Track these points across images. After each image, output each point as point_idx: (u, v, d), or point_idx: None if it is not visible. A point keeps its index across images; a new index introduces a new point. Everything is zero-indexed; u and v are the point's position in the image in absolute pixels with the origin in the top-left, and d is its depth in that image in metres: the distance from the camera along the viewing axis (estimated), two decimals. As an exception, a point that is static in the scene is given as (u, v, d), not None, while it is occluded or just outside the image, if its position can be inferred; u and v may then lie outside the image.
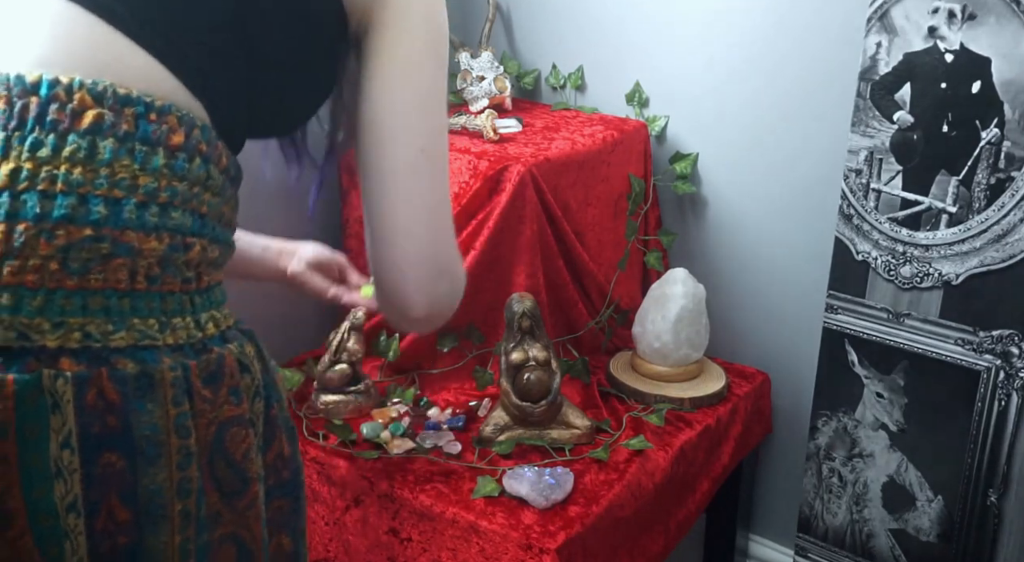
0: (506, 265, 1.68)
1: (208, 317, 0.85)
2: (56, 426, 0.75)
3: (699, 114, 1.89)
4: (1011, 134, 1.42)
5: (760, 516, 2.03)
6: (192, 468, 0.81)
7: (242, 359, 0.86)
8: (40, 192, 0.75)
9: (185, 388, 0.80)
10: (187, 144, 0.81)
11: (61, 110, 0.77)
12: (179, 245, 0.81)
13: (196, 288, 0.84)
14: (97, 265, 0.77)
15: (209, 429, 0.82)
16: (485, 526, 1.38)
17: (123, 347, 0.77)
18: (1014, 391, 1.51)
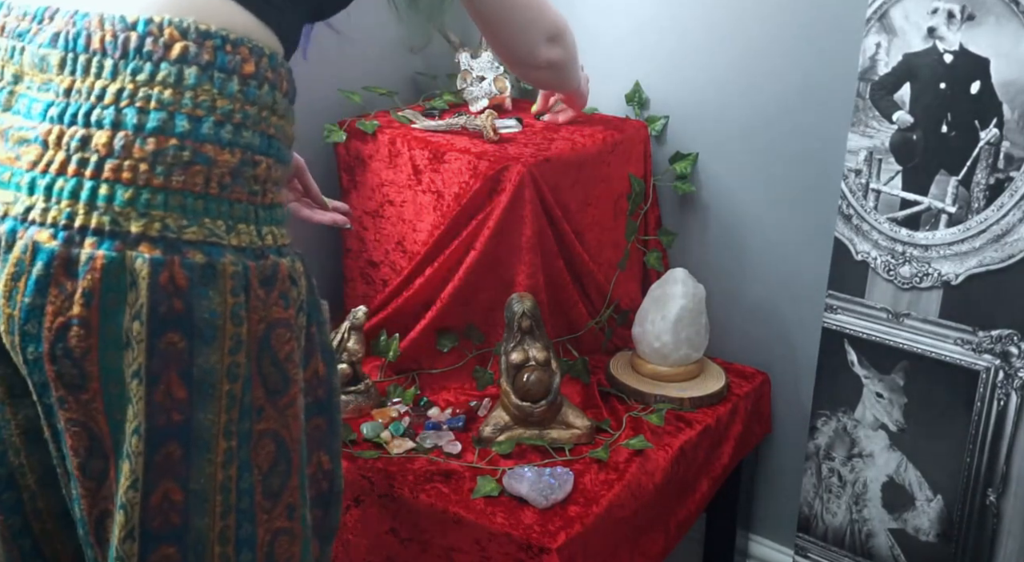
0: (506, 265, 1.68)
1: (268, 230, 0.96)
2: (131, 301, 0.89)
3: (699, 114, 1.89)
4: (1010, 134, 1.42)
5: (760, 516, 2.03)
6: (241, 354, 0.92)
7: (292, 273, 0.97)
8: (138, 108, 0.89)
9: (243, 284, 0.92)
10: (257, 73, 0.94)
11: (155, 43, 0.90)
12: (249, 161, 0.93)
13: (261, 202, 0.95)
14: (179, 169, 0.90)
15: (259, 326, 0.93)
16: (485, 526, 1.38)
17: (194, 240, 0.90)
18: (1013, 391, 1.52)
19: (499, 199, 1.64)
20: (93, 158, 0.89)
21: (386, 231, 1.80)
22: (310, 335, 1.01)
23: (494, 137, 1.74)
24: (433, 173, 1.71)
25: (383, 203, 1.79)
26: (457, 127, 1.79)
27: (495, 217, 1.64)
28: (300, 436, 1.00)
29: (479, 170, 1.66)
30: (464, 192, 1.67)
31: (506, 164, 1.64)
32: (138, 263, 0.89)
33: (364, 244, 1.84)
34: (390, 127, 1.78)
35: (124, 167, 0.89)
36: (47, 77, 0.93)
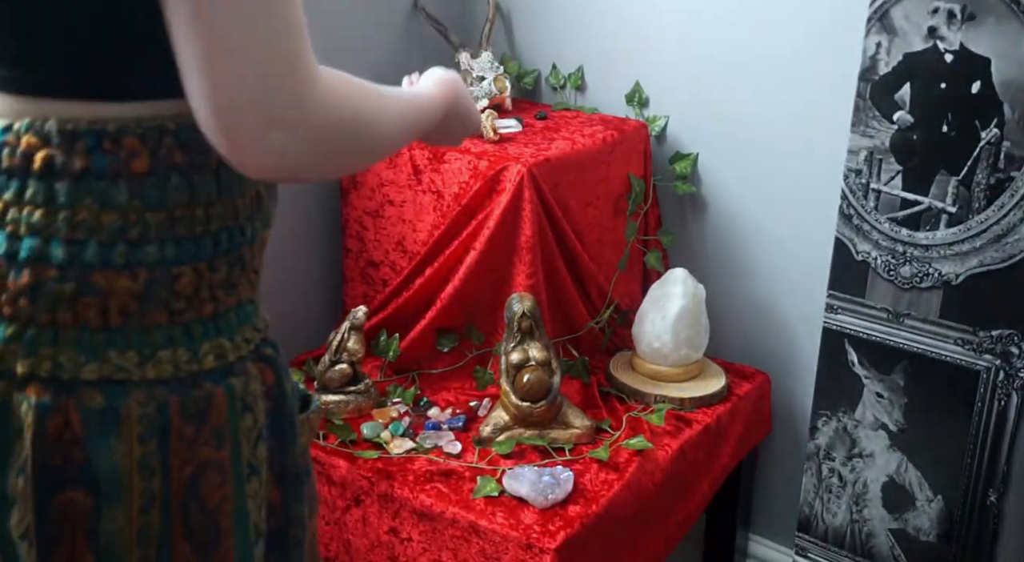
0: (506, 265, 1.68)
1: (211, 348, 0.78)
2: (16, 451, 0.74)
3: (699, 114, 1.88)
4: (1011, 134, 1.42)
5: (760, 516, 2.03)
6: (155, 512, 0.77)
7: (245, 398, 0.80)
8: (9, 233, 0.74)
9: (159, 425, 0.76)
10: (155, 165, 0.74)
11: (12, 156, 0.74)
12: (161, 279, 0.75)
13: (196, 316, 0.78)
14: (65, 304, 0.74)
15: (184, 469, 0.77)
16: (485, 526, 1.38)
17: (93, 379, 0.74)
18: (1014, 391, 1.51)
19: (499, 199, 1.64)
20: None
21: (386, 231, 1.80)
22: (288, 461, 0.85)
23: (494, 137, 1.74)
24: (433, 173, 1.71)
25: (383, 203, 1.79)
26: (457, 127, 1.79)
27: (495, 217, 1.64)
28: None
29: (479, 170, 1.66)
30: (464, 192, 1.67)
31: (506, 164, 1.64)
32: (23, 408, 0.74)
33: (364, 244, 1.84)
34: None
35: (2, 300, 0.74)
36: None
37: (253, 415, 0.81)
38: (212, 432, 0.78)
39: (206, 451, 0.78)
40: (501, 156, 1.66)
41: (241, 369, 0.80)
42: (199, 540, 0.79)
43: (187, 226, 0.76)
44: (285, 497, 0.87)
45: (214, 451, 0.78)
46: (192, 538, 0.79)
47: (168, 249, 0.75)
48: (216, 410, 0.78)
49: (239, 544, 0.81)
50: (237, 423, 0.79)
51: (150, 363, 0.76)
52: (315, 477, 0.94)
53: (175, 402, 0.76)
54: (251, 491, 0.82)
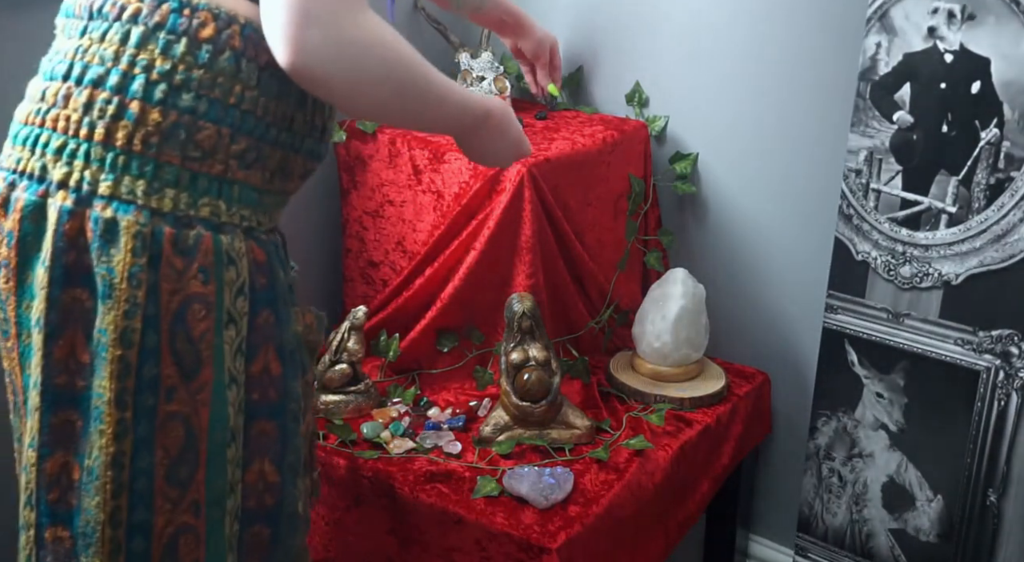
0: (506, 265, 1.68)
1: (208, 203, 0.93)
2: (44, 247, 0.91)
3: (699, 114, 1.89)
4: (1011, 134, 1.42)
5: (760, 516, 2.03)
6: (137, 319, 0.90)
7: (229, 252, 0.93)
8: (84, 62, 0.93)
9: (151, 247, 0.89)
10: (216, 38, 0.92)
11: (113, 5, 0.93)
12: (185, 124, 0.91)
13: (205, 171, 0.92)
14: (103, 122, 0.90)
15: (173, 297, 0.91)
16: (485, 526, 1.38)
17: (107, 195, 0.90)
18: (1014, 391, 1.52)
19: (499, 199, 1.64)
20: (43, 108, 0.94)
21: (386, 231, 1.80)
22: (258, 326, 0.97)
23: (494, 137, 1.74)
24: (433, 173, 1.71)
25: (383, 203, 1.79)
26: (457, 127, 1.79)
27: (495, 217, 1.64)
28: (208, 426, 0.94)
29: (479, 170, 1.66)
30: (464, 192, 1.67)
31: (506, 164, 1.64)
32: (51, 210, 0.91)
33: (364, 244, 1.84)
34: (390, 127, 1.78)
35: (60, 116, 0.92)
36: (56, 43, 0.99)
37: (236, 269, 0.94)
38: (199, 269, 0.91)
39: (194, 284, 0.91)
40: (501, 156, 1.66)
41: (231, 230, 0.94)
42: (183, 364, 0.92)
43: (223, 93, 0.92)
44: (284, 371, 0.99)
45: (201, 285, 0.91)
46: (179, 363, 0.92)
47: (202, 103, 0.91)
48: (204, 249, 0.92)
49: (215, 378, 0.93)
50: (222, 271, 0.93)
51: (155, 195, 0.90)
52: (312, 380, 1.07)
53: (169, 232, 0.90)
54: (227, 337, 0.94)
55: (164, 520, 0.94)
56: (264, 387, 0.98)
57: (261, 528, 1.02)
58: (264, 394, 0.99)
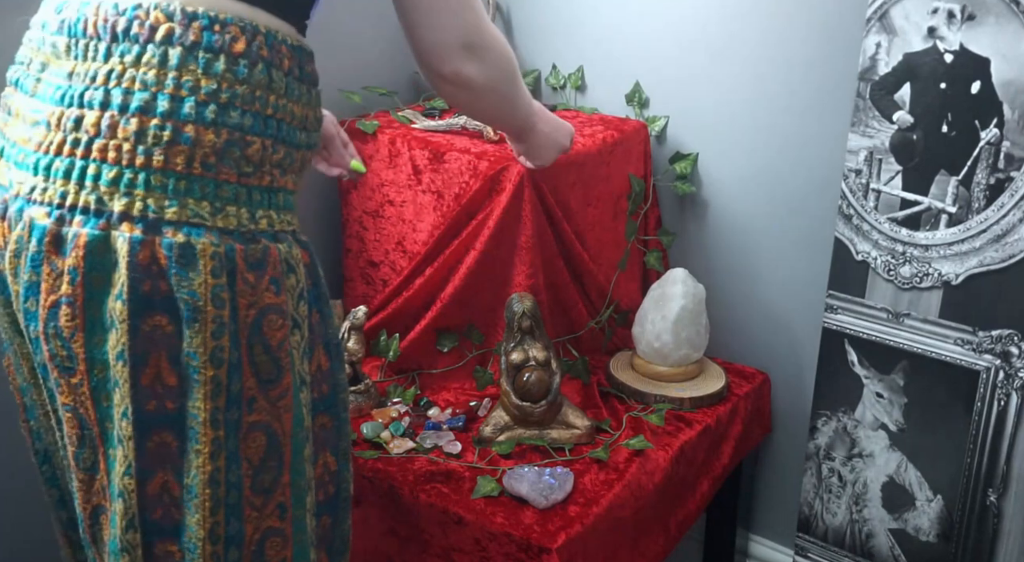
0: (506, 265, 1.68)
1: (264, 214, 0.95)
2: (115, 281, 0.90)
3: (699, 114, 1.89)
4: (1010, 134, 1.42)
5: (760, 516, 2.03)
6: (225, 338, 0.92)
7: (288, 259, 0.96)
8: (124, 89, 0.91)
9: (227, 266, 0.91)
10: (249, 51, 0.93)
11: (141, 25, 0.92)
12: (237, 141, 0.93)
13: (257, 184, 0.95)
14: (160, 149, 0.90)
15: (249, 311, 0.93)
16: (485, 526, 1.38)
17: (175, 220, 0.90)
18: (1014, 391, 1.52)
19: (499, 199, 1.64)
20: (84, 138, 0.92)
21: (386, 231, 1.80)
22: (312, 326, 1.00)
23: (494, 137, 1.74)
24: (433, 173, 1.71)
25: (383, 203, 1.79)
26: (457, 127, 1.79)
27: (495, 217, 1.64)
28: (292, 430, 0.98)
29: (479, 170, 1.66)
30: (464, 192, 1.67)
31: (506, 164, 1.64)
32: (119, 242, 0.90)
33: (364, 244, 1.84)
34: (390, 127, 1.78)
35: (110, 147, 0.91)
36: (59, 63, 0.97)
37: (296, 276, 0.97)
38: (271, 280, 0.94)
39: (268, 296, 0.94)
40: (501, 156, 1.66)
41: (284, 238, 0.97)
42: (263, 376, 0.94)
43: (262, 105, 0.94)
44: (331, 363, 1.04)
45: (274, 296, 0.94)
46: (258, 373, 0.94)
47: (246, 118, 0.93)
48: (273, 261, 0.95)
49: (293, 383, 0.96)
50: (285, 279, 0.96)
51: (220, 214, 0.92)
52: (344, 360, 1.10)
53: (240, 249, 0.92)
54: (295, 343, 0.97)
55: (252, 527, 0.97)
56: (319, 383, 1.02)
57: (325, 517, 1.06)
58: (320, 390, 1.03)
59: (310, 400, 1.01)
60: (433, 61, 1.12)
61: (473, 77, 1.14)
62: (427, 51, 1.12)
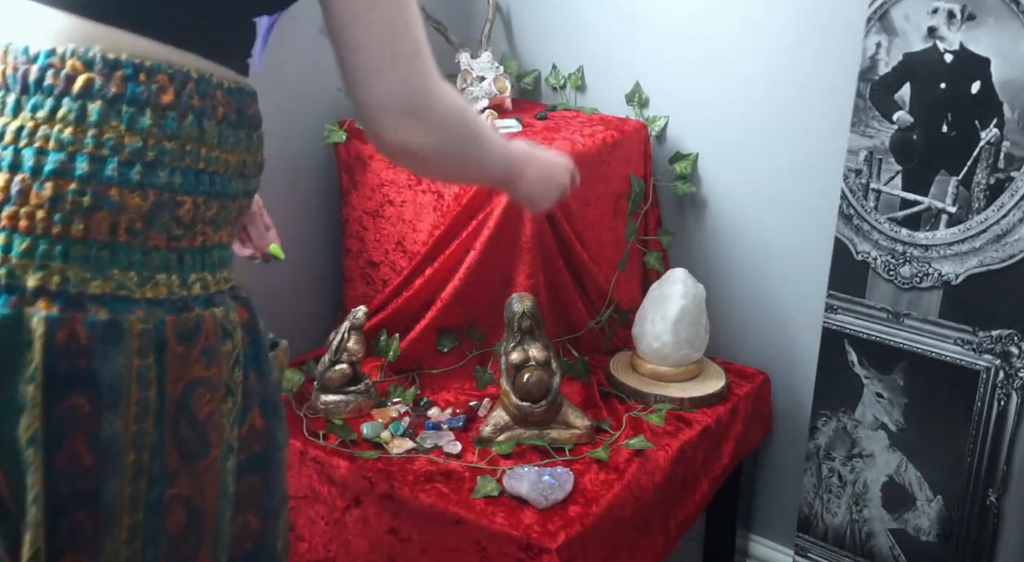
0: (506, 265, 1.68)
1: (197, 278, 0.88)
2: (26, 361, 0.81)
3: (699, 114, 1.89)
4: (1010, 134, 1.42)
5: (760, 516, 2.03)
6: (149, 421, 0.84)
7: (225, 325, 0.89)
8: (36, 148, 0.82)
9: (156, 342, 0.84)
10: (178, 102, 0.85)
11: (56, 76, 0.83)
12: (166, 202, 0.85)
13: (188, 246, 0.87)
14: (80, 216, 0.82)
15: (177, 385, 0.85)
16: (485, 526, 1.38)
17: (99, 295, 0.82)
18: (1014, 391, 1.52)
19: (499, 199, 1.64)
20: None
21: (386, 231, 1.80)
22: (248, 390, 0.93)
23: (494, 137, 1.74)
24: (433, 173, 1.71)
25: (383, 203, 1.79)
26: (457, 127, 1.79)
27: (495, 217, 1.64)
28: (216, 503, 0.91)
29: (479, 170, 1.65)
30: (464, 192, 1.67)
31: (506, 164, 1.64)
32: (34, 321, 0.81)
33: (364, 244, 1.84)
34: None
35: (21, 214, 0.82)
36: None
37: (232, 342, 0.90)
38: (202, 351, 0.86)
39: (197, 368, 0.86)
40: (501, 156, 1.66)
41: (221, 300, 0.90)
42: (188, 450, 0.87)
43: (193, 160, 0.86)
44: (268, 423, 0.96)
45: (204, 369, 0.87)
46: (182, 448, 0.87)
47: (176, 177, 0.85)
48: (206, 331, 0.87)
49: (220, 454, 0.90)
50: (219, 347, 0.88)
51: (148, 284, 0.84)
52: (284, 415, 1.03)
53: (170, 321, 0.84)
54: (226, 410, 0.90)
55: None
56: (251, 444, 0.95)
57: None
58: (250, 450, 0.95)
59: (236, 465, 0.93)
60: (374, 125, 0.97)
61: (419, 144, 0.98)
62: (366, 115, 0.97)
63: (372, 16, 0.92)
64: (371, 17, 0.92)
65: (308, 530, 1.56)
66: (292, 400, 1.66)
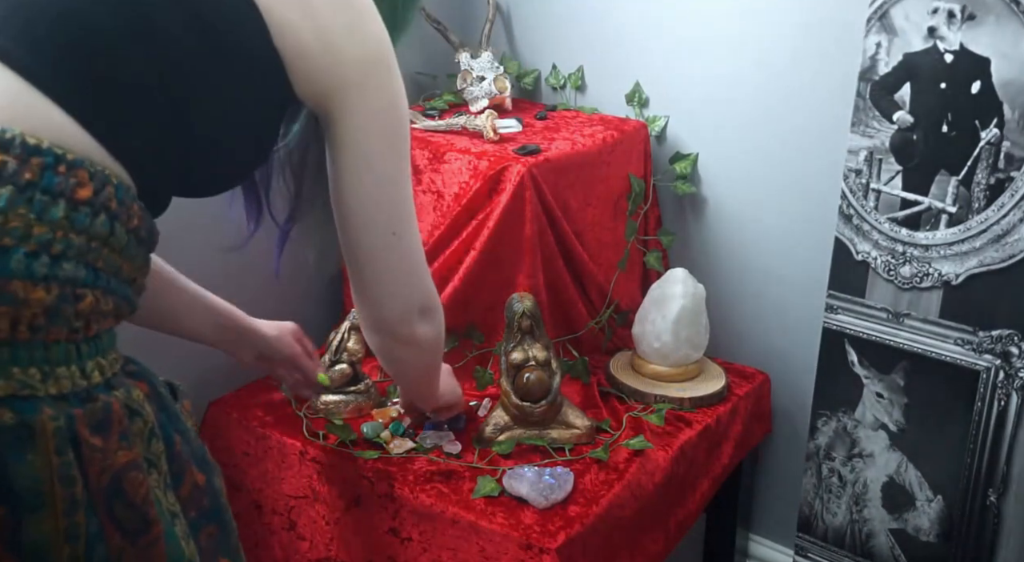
0: (506, 265, 1.68)
1: (94, 365, 0.84)
2: None
3: (699, 114, 1.89)
4: (1010, 134, 1.42)
5: (760, 516, 2.03)
6: (79, 515, 0.79)
7: (130, 404, 0.85)
8: None
9: (69, 437, 0.79)
10: (95, 199, 0.81)
11: None
12: (69, 296, 0.80)
13: (84, 337, 0.83)
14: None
15: (102, 477, 0.81)
16: (485, 526, 1.38)
17: (2, 397, 0.76)
18: (1014, 391, 1.52)
19: (499, 199, 1.64)
20: None
21: (386, 231, 1.80)
22: (174, 455, 0.90)
23: (494, 137, 1.74)
24: (433, 173, 1.71)
25: (383, 203, 1.79)
26: (457, 127, 1.79)
27: (495, 217, 1.64)
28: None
29: (479, 170, 1.66)
30: (464, 192, 1.67)
31: (506, 164, 1.64)
32: None
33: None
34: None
35: None
36: None
37: (143, 418, 0.86)
38: (119, 437, 0.82)
39: (121, 455, 0.82)
40: (501, 156, 1.66)
41: (119, 382, 0.86)
42: (129, 529, 0.83)
43: (95, 257, 0.82)
44: (208, 477, 0.95)
45: (127, 452, 0.83)
46: (122, 528, 0.83)
47: (80, 270, 0.81)
48: (117, 417, 0.83)
49: (164, 525, 0.86)
50: (131, 427, 0.85)
51: (51, 379, 0.79)
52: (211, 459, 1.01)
53: (79, 414, 0.80)
54: (153, 482, 0.87)
55: None
56: (198, 500, 0.94)
57: None
58: (199, 506, 0.94)
59: (186, 525, 0.91)
60: (393, 327, 1.14)
61: (427, 337, 1.17)
62: (386, 319, 1.14)
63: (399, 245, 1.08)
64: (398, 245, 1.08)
65: (308, 530, 1.56)
66: (292, 400, 1.66)
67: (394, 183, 1.06)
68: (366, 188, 1.04)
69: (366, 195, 1.05)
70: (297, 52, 0.94)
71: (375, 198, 1.05)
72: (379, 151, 1.02)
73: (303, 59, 0.95)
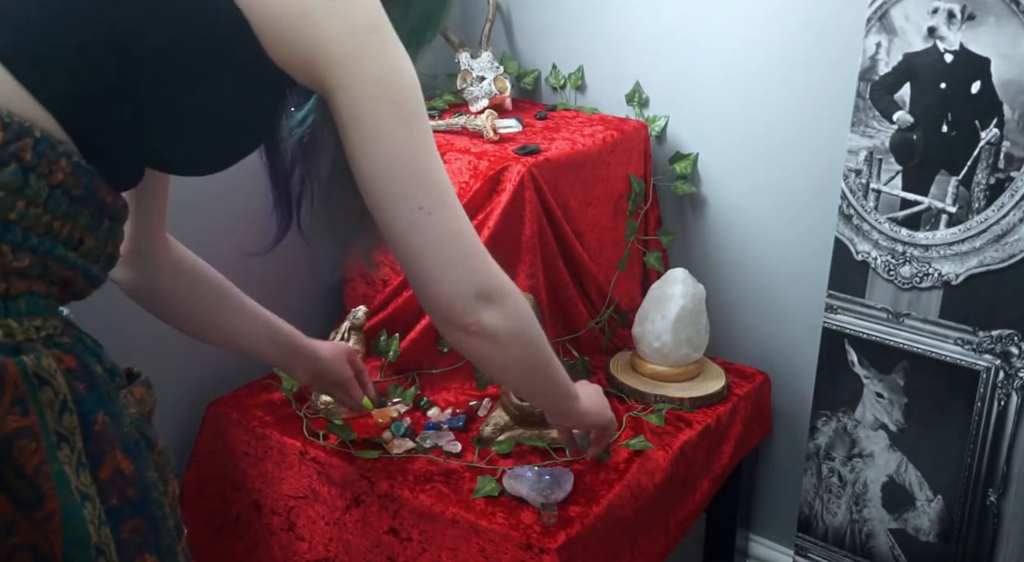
0: (506, 265, 1.66)
1: (2, 325, 0.83)
2: None
3: (699, 114, 1.89)
4: (1010, 134, 1.42)
5: (760, 516, 2.03)
6: None
7: (38, 372, 0.83)
8: None
9: None
10: (3, 149, 0.81)
11: None
12: None
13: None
14: None
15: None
16: (485, 526, 1.38)
17: None
18: (1014, 391, 1.52)
19: (499, 199, 1.64)
20: None
21: (386, 231, 1.80)
22: (94, 433, 0.88)
23: (494, 137, 1.74)
24: (433, 173, 1.71)
25: (383, 203, 1.79)
26: (457, 127, 1.79)
27: (495, 217, 1.64)
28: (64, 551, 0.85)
29: (479, 170, 1.66)
30: (464, 192, 1.67)
31: (506, 164, 1.64)
32: None
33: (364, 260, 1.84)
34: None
35: None
36: None
37: (53, 389, 0.84)
38: (12, 401, 0.81)
39: (11, 419, 0.80)
40: (501, 156, 1.66)
41: (31, 348, 0.84)
42: (21, 500, 0.82)
43: (6, 210, 0.82)
44: (135, 465, 0.91)
45: (20, 418, 0.81)
46: (14, 498, 0.81)
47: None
48: (11, 380, 0.81)
49: (65, 504, 0.84)
50: (36, 394, 0.82)
51: None
52: (165, 446, 0.98)
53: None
54: (63, 457, 0.84)
55: None
56: (121, 488, 0.90)
57: None
58: (123, 495, 0.91)
59: (103, 511, 0.88)
60: (452, 315, 1.03)
61: (497, 326, 1.05)
62: (443, 306, 1.03)
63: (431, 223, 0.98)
64: (431, 223, 0.98)
65: (308, 530, 1.57)
66: (292, 400, 1.66)
67: (409, 154, 0.98)
68: (377, 161, 0.97)
69: (381, 169, 0.98)
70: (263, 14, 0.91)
71: (389, 171, 0.98)
72: (385, 122, 0.97)
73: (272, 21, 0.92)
